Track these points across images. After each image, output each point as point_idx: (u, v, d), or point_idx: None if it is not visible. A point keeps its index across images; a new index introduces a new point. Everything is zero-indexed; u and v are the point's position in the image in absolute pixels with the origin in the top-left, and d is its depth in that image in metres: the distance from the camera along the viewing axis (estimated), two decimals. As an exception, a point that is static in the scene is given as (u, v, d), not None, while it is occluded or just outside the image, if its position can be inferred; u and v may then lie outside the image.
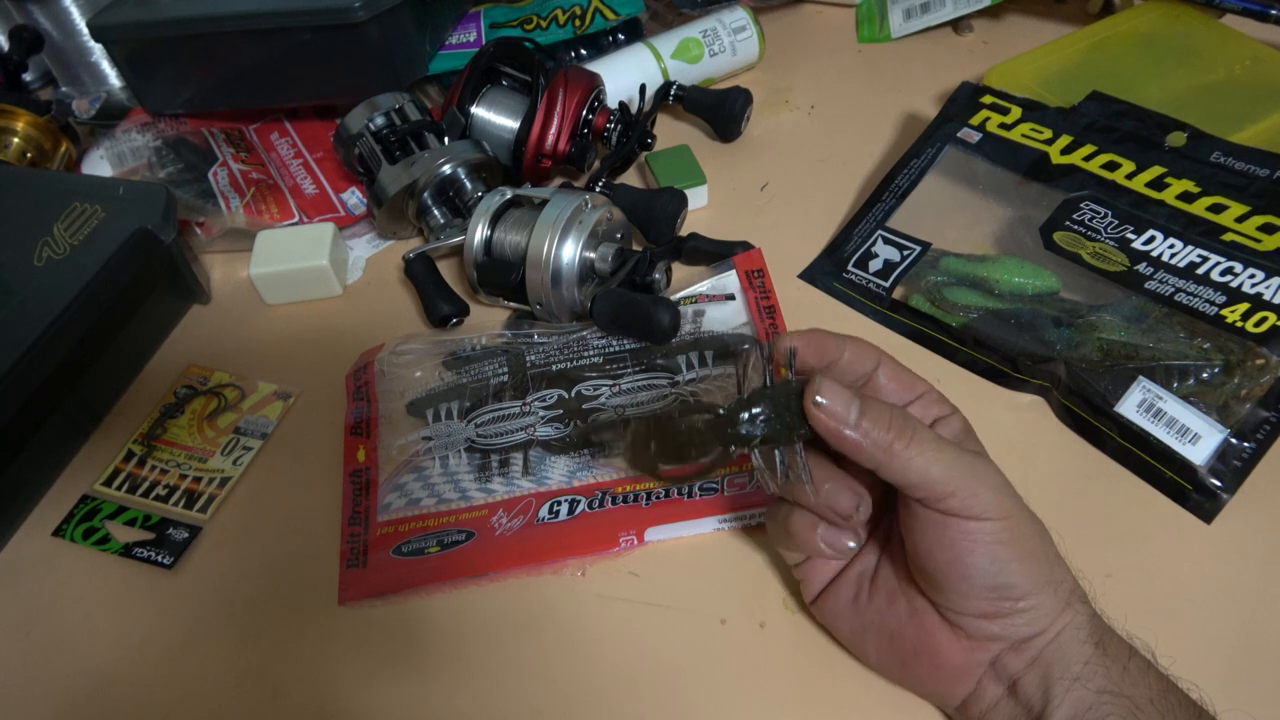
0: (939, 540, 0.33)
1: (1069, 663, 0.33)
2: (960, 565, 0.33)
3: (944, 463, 0.32)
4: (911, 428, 0.33)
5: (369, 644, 0.43)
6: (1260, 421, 0.43)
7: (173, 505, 0.49)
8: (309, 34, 0.61)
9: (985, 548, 0.32)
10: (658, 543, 0.44)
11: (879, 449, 0.32)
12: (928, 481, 0.32)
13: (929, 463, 0.32)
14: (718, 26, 0.72)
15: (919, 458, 0.32)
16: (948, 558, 0.33)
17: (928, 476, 0.32)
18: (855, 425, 0.32)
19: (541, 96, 0.62)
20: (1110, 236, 0.50)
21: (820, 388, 0.32)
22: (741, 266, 0.56)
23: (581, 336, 0.52)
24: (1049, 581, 0.33)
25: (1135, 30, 0.68)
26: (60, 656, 0.44)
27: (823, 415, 0.32)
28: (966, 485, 0.32)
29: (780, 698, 0.39)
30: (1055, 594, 0.33)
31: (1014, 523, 0.33)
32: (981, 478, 0.33)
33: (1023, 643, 0.34)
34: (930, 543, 0.33)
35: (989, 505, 0.32)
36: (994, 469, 0.34)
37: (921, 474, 0.32)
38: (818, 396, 0.32)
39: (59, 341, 0.49)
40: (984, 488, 0.32)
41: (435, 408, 0.50)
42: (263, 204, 0.63)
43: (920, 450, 0.32)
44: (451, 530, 0.45)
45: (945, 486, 0.32)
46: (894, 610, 0.36)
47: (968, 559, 0.32)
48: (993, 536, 0.32)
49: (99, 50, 0.75)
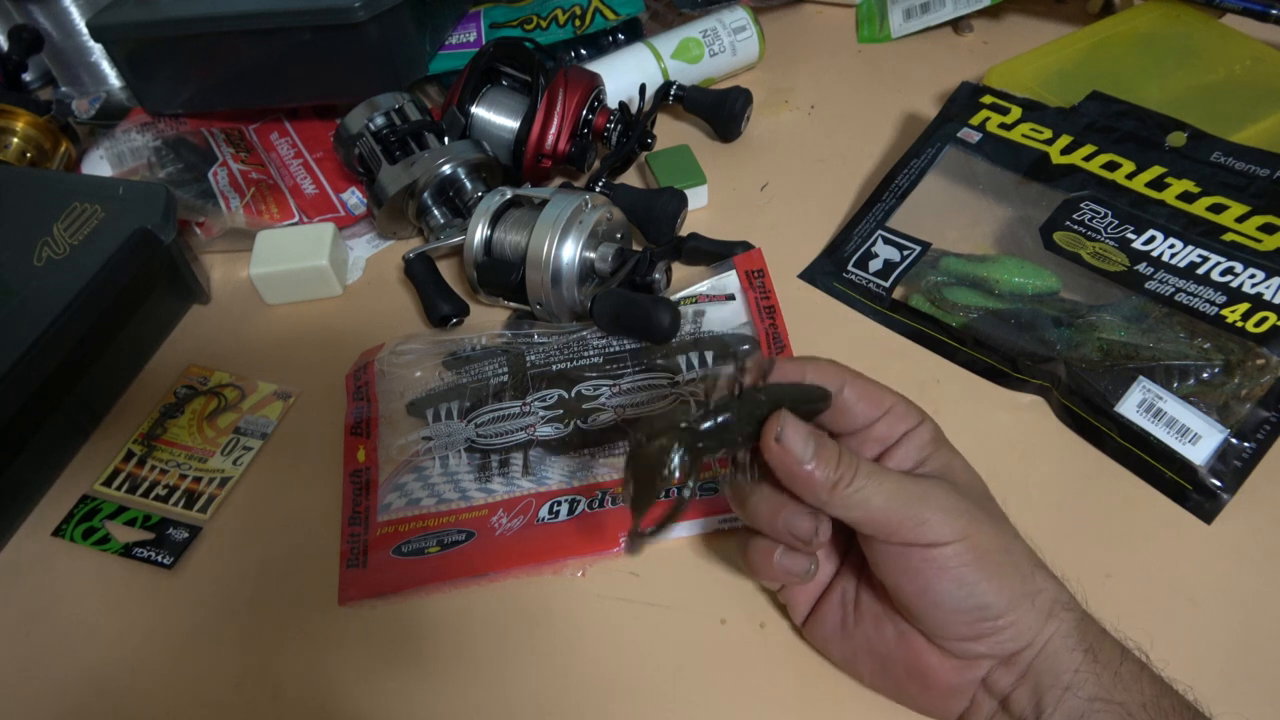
0: (904, 572, 0.33)
1: (1059, 672, 0.33)
2: (930, 594, 0.33)
3: (885, 494, 0.32)
4: (853, 466, 0.33)
5: (369, 644, 0.43)
6: (1260, 421, 0.43)
7: (173, 505, 0.49)
8: (309, 34, 0.61)
9: (949, 573, 0.32)
10: (658, 543, 0.44)
11: (823, 488, 0.32)
12: (871, 517, 0.32)
13: (868, 497, 0.32)
14: (718, 26, 0.72)
15: (857, 494, 0.32)
16: (915, 588, 0.33)
17: (869, 511, 0.32)
18: (807, 463, 0.32)
19: (541, 96, 0.62)
20: (1110, 236, 0.50)
21: (784, 427, 0.33)
22: (741, 266, 0.56)
23: (581, 336, 0.52)
24: (1025, 594, 0.33)
25: (1135, 30, 0.68)
26: (60, 656, 0.44)
27: (779, 452, 0.33)
28: (911, 513, 0.32)
29: (780, 698, 0.39)
30: (1034, 605, 0.33)
31: (973, 541, 0.32)
32: (928, 502, 0.33)
33: (1011, 657, 0.33)
34: (896, 575, 0.33)
35: (939, 530, 0.32)
36: (944, 490, 0.33)
37: (863, 509, 0.32)
38: (779, 435, 0.33)
39: (59, 341, 0.49)
40: (932, 512, 0.32)
41: (435, 408, 0.50)
42: (263, 204, 0.63)
43: (860, 485, 0.32)
44: (451, 530, 0.45)
45: (889, 519, 0.32)
46: (881, 634, 0.36)
47: (935, 586, 0.32)
48: (955, 560, 0.32)
49: (99, 50, 0.75)
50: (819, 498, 0.33)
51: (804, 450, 0.32)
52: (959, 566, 0.32)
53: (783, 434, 0.33)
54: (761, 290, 0.54)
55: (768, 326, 0.52)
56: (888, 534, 0.33)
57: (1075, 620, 0.34)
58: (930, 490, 0.33)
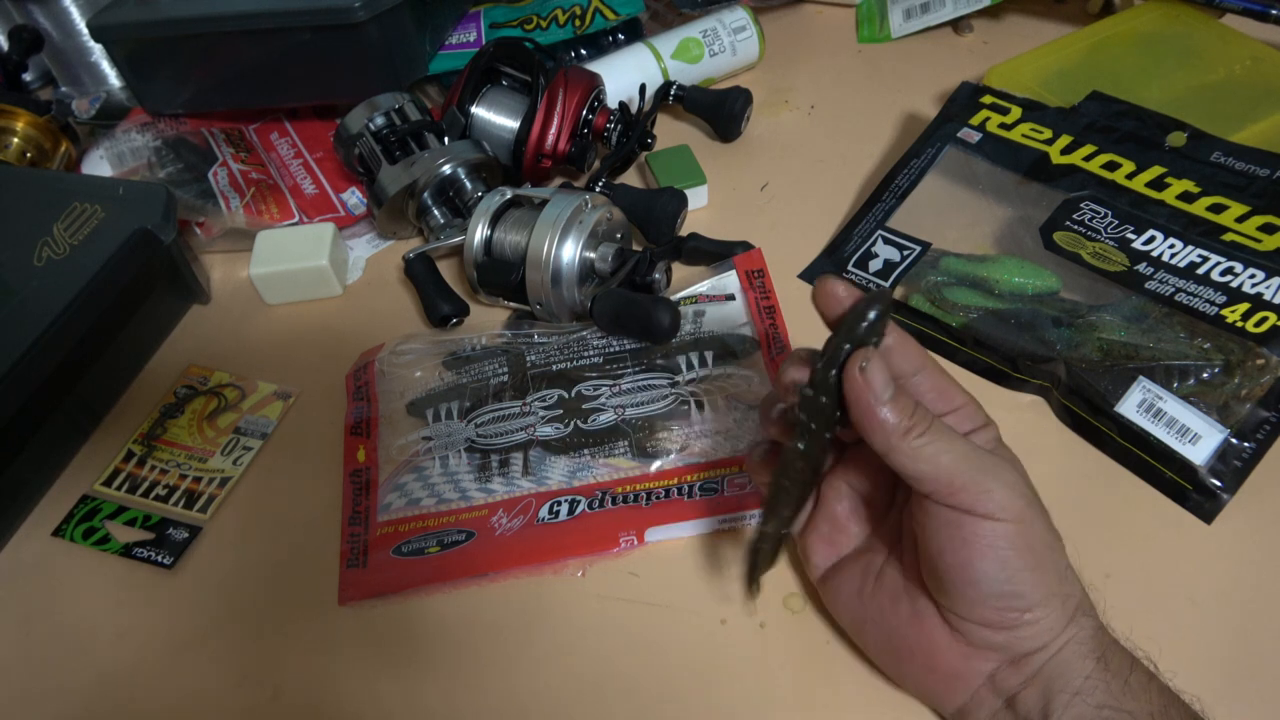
0: (950, 540, 0.32)
1: (1069, 677, 0.32)
2: (969, 569, 0.32)
3: (955, 454, 0.32)
4: (928, 419, 0.32)
5: (369, 644, 0.43)
6: (1260, 421, 0.43)
7: (173, 505, 0.49)
8: (309, 34, 0.61)
9: (996, 553, 0.32)
10: (658, 543, 0.44)
11: (895, 433, 0.32)
12: (936, 472, 0.32)
13: (938, 451, 0.32)
14: (718, 26, 0.72)
15: (929, 446, 0.32)
16: (957, 560, 0.32)
17: (937, 466, 0.31)
18: (881, 404, 0.32)
19: (541, 96, 0.62)
20: (1110, 236, 0.50)
21: (870, 359, 0.32)
22: (741, 266, 0.56)
23: (581, 336, 0.52)
24: (1057, 595, 0.33)
25: (1135, 30, 0.68)
26: (60, 656, 0.44)
27: (859, 383, 0.32)
28: (977, 480, 0.31)
29: (780, 698, 0.39)
30: (1062, 607, 0.33)
31: (1027, 528, 0.32)
32: (996, 475, 0.32)
33: (1024, 658, 0.33)
34: (941, 542, 0.33)
35: (1001, 504, 0.31)
36: (1014, 471, 0.33)
37: (931, 463, 0.32)
38: (864, 364, 0.32)
39: (59, 341, 0.49)
40: (997, 485, 0.32)
41: (435, 408, 0.50)
42: (263, 204, 0.63)
43: (932, 439, 0.32)
44: (451, 530, 0.45)
45: (955, 479, 0.31)
46: (896, 610, 0.36)
47: (977, 563, 0.32)
48: (1005, 541, 0.32)
49: (99, 50, 0.75)
50: (889, 441, 0.32)
51: (884, 389, 0.32)
52: (1007, 548, 0.31)
53: (868, 367, 0.32)
54: (761, 290, 0.54)
55: (768, 326, 0.52)
56: (948, 494, 0.32)
57: (1093, 627, 0.34)
58: (999, 465, 0.33)
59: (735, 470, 0.46)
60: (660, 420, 0.48)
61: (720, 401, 0.49)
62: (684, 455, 0.47)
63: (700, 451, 0.47)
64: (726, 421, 0.48)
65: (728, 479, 0.45)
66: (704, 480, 0.46)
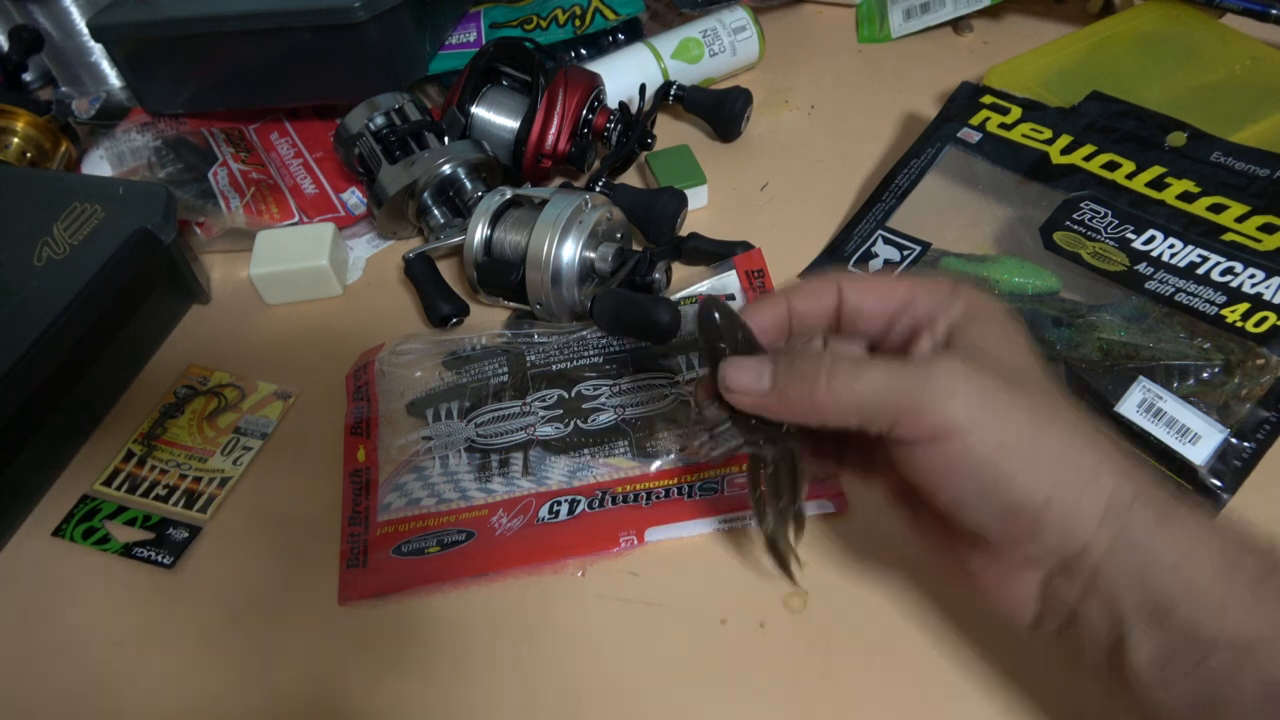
0: (916, 473, 0.29)
1: (1141, 586, 0.26)
2: (946, 493, 0.29)
3: (867, 385, 0.28)
4: (825, 367, 0.29)
5: (369, 644, 0.43)
6: (1260, 421, 0.43)
7: (173, 505, 0.49)
8: (309, 34, 0.61)
9: (961, 470, 0.28)
10: (658, 543, 0.44)
11: (803, 403, 0.30)
12: (861, 413, 0.29)
13: (853, 393, 0.29)
14: (718, 26, 0.72)
15: (844, 393, 0.29)
16: (932, 489, 0.29)
17: (858, 406, 0.29)
18: (770, 391, 0.30)
19: (541, 96, 0.62)
20: (1110, 236, 0.50)
21: (725, 373, 0.31)
22: (741, 266, 0.56)
23: (581, 336, 0.52)
24: (1068, 489, 0.27)
25: (1135, 30, 0.68)
26: (60, 656, 0.44)
27: (737, 396, 0.31)
28: (908, 403, 0.28)
29: (780, 698, 0.39)
30: (1091, 496, 0.27)
31: (986, 432, 0.27)
32: (926, 387, 0.28)
33: (1070, 561, 0.28)
34: (913, 477, 0.29)
35: (940, 419, 0.27)
36: (949, 371, 0.28)
37: (855, 406, 0.29)
38: (725, 383, 0.31)
39: (59, 341, 0.49)
40: (931, 398, 0.27)
41: (435, 408, 0.50)
42: (263, 204, 0.63)
43: (839, 385, 0.29)
44: (451, 530, 0.45)
45: (879, 411, 0.28)
46: (931, 539, 0.33)
47: (951, 486, 0.28)
48: (964, 455, 0.27)
49: (99, 50, 0.75)
50: (805, 414, 0.30)
51: (757, 381, 0.30)
52: (971, 462, 0.27)
53: (727, 380, 0.31)
54: (761, 290, 0.54)
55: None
56: (885, 429, 0.28)
57: (1157, 515, 0.27)
58: (930, 374, 0.28)
59: (735, 470, 0.46)
60: (660, 420, 0.48)
61: (720, 401, 0.48)
62: (684, 455, 0.47)
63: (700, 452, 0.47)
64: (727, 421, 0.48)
65: (728, 479, 0.45)
66: (704, 480, 0.46)
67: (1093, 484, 0.28)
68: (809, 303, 0.34)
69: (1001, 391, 0.28)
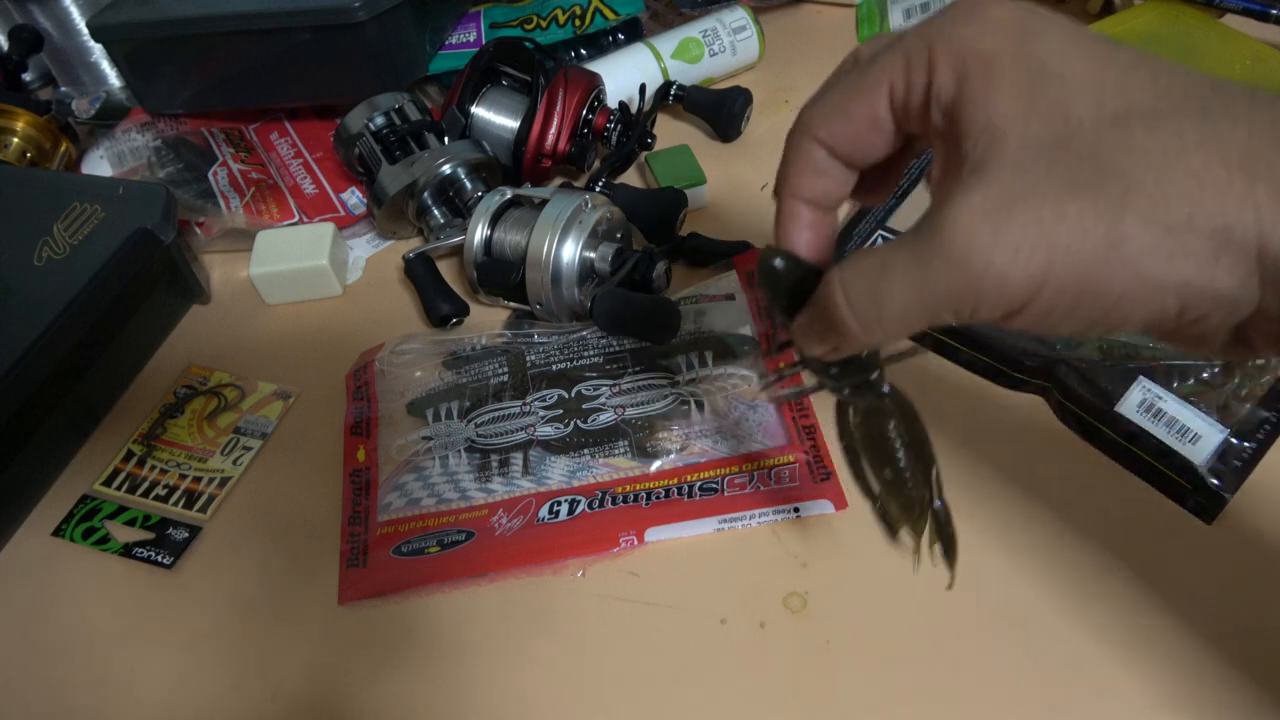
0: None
1: None
2: (1069, 332, 0.24)
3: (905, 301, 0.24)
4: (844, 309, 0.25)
5: (369, 644, 0.43)
6: (1260, 421, 0.43)
7: (173, 505, 0.49)
8: (309, 34, 0.61)
9: (1064, 317, 0.23)
10: (658, 543, 0.44)
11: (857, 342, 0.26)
12: (925, 319, 0.24)
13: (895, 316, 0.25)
14: (718, 26, 0.72)
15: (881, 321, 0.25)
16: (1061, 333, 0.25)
17: (913, 320, 0.24)
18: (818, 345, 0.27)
19: (541, 96, 0.62)
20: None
21: (796, 341, 0.28)
22: (741, 266, 0.56)
23: (581, 336, 0.52)
24: (1199, 274, 0.21)
25: (1135, 30, 0.68)
26: (60, 656, 0.44)
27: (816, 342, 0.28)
28: (952, 298, 0.23)
29: (780, 698, 0.39)
30: (1229, 263, 0.21)
31: (1064, 269, 0.22)
32: (963, 268, 0.22)
33: (1249, 316, 0.22)
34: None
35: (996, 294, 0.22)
36: (980, 216, 0.22)
37: (903, 324, 0.25)
38: (801, 349, 0.28)
39: (59, 341, 0.49)
40: (967, 279, 0.22)
41: (435, 407, 0.50)
42: (263, 204, 0.63)
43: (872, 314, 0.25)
44: (451, 530, 0.45)
45: (939, 311, 0.24)
46: None
47: (1069, 327, 0.24)
48: (1052, 307, 0.22)
49: (99, 50, 0.75)
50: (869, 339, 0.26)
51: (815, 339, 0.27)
52: (1062, 311, 0.22)
53: (799, 337, 0.28)
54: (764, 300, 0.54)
55: (767, 326, 0.52)
56: (963, 319, 0.24)
57: None
58: (946, 244, 0.23)
59: (735, 470, 0.46)
60: (660, 420, 0.48)
61: (720, 401, 0.49)
62: (684, 455, 0.47)
63: (700, 451, 0.47)
64: (726, 421, 0.48)
65: (728, 479, 0.45)
66: (704, 480, 0.46)
67: (1224, 251, 0.21)
68: (818, 186, 0.29)
69: (1046, 206, 0.21)
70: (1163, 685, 0.38)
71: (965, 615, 0.40)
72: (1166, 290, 0.22)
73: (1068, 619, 0.40)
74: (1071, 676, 0.38)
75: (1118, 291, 0.22)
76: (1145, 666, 0.38)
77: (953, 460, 0.46)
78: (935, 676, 0.39)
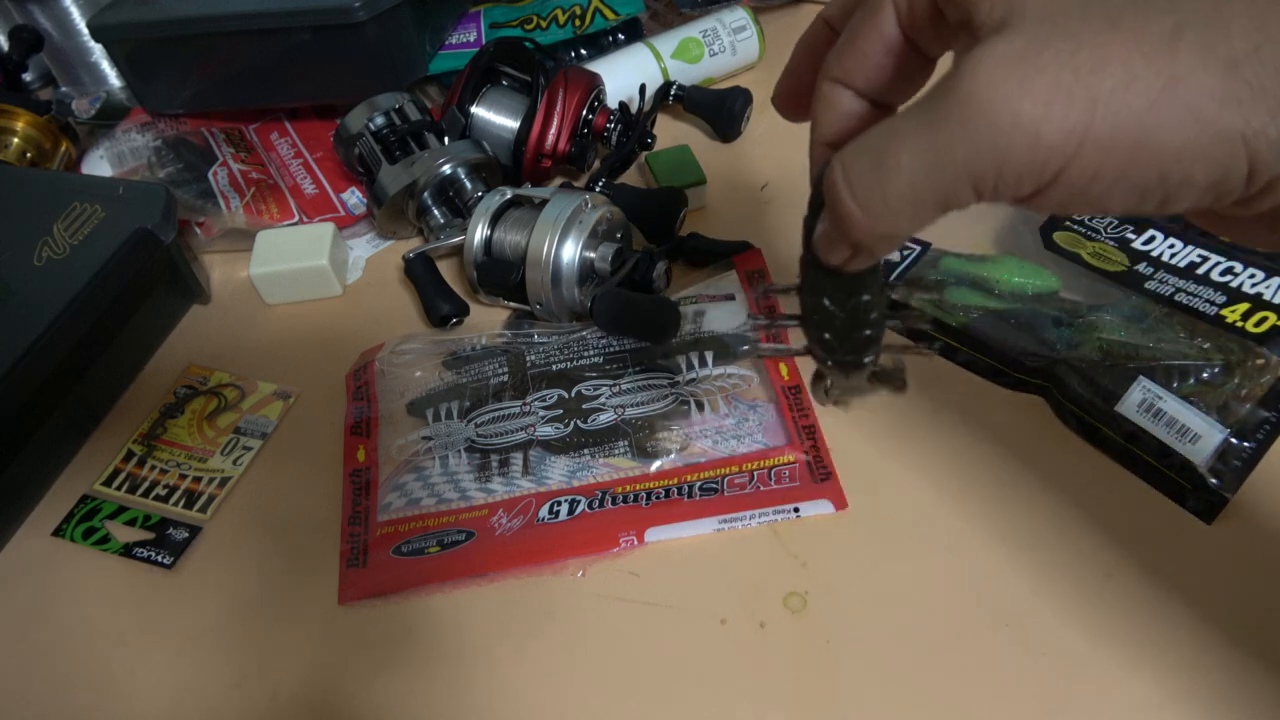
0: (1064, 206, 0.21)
1: None
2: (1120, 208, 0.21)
3: (917, 174, 0.20)
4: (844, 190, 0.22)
5: (369, 644, 0.43)
6: (1260, 421, 0.43)
7: (173, 505, 0.49)
8: (309, 34, 0.61)
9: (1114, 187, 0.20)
10: (658, 543, 0.44)
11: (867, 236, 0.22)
12: (940, 202, 0.21)
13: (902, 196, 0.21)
14: (718, 26, 0.72)
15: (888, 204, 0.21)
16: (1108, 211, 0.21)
17: (924, 201, 0.21)
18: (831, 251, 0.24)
19: (541, 96, 0.62)
20: (1110, 236, 0.50)
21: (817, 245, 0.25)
22: (741, 266, 0.56)
23: (581, 336, 0.52)
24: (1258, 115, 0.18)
25: None
26: (61, 656, 0.44)
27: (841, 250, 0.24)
28: (972, 165, 0.20)
29: (780, 698, 0.39)
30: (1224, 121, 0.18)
31: (1106, 126, 0.18)
32: (987, 123, 0.19)
33: None
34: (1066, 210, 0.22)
35: (1028, 154, 0.19)
36: (1006, 63, 0.19)
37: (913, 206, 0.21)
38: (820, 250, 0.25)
39: (59, 341, 0.49)
40: (992, 137, 0.19)
41: (435, 408, 0.50)
42: (263, 204, 0.63)
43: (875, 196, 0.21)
44: (451, 530, 0.45)
45: (957, 189, 0.20)
46: None
47: (1117, 203, 0.20)
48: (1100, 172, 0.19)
49: (99, 50, 0.75)
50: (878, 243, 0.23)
51: (826, 244, 0.25)
52: (1111, 177, 0.19)
53: (818, 245, 0.25)
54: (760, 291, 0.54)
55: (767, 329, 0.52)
56: (985, 197, 0.21)
57: None
58: (971, 99, 0.19)
59: (735, 470, 0.46)
60: (660, 420, 0.48)
61: (720, 401, 0.49)
62: (684, 455, 0.47)
63: (700, 451, 0.47)
64: (726, 421, 0.48)
65: (728, 479, 0.45)
66: (704, 480, 0.46)
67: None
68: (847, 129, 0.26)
69: (1083, 49, 0.19)
70: (1163, 685, 0.38)
71: (965, 615, 0.40)
72: (1233, 140, 0.18)
73: (1067, 619, 0.40)
74: (1071, 676, 0.38)
75: (1175, 146, 0.18)
76: (1145, 667, 0.38)
77: (953, 460, 0.46)
78: (935, 676, 0.39)
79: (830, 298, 0.28)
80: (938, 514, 0.44)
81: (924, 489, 0.45)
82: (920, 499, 0.45)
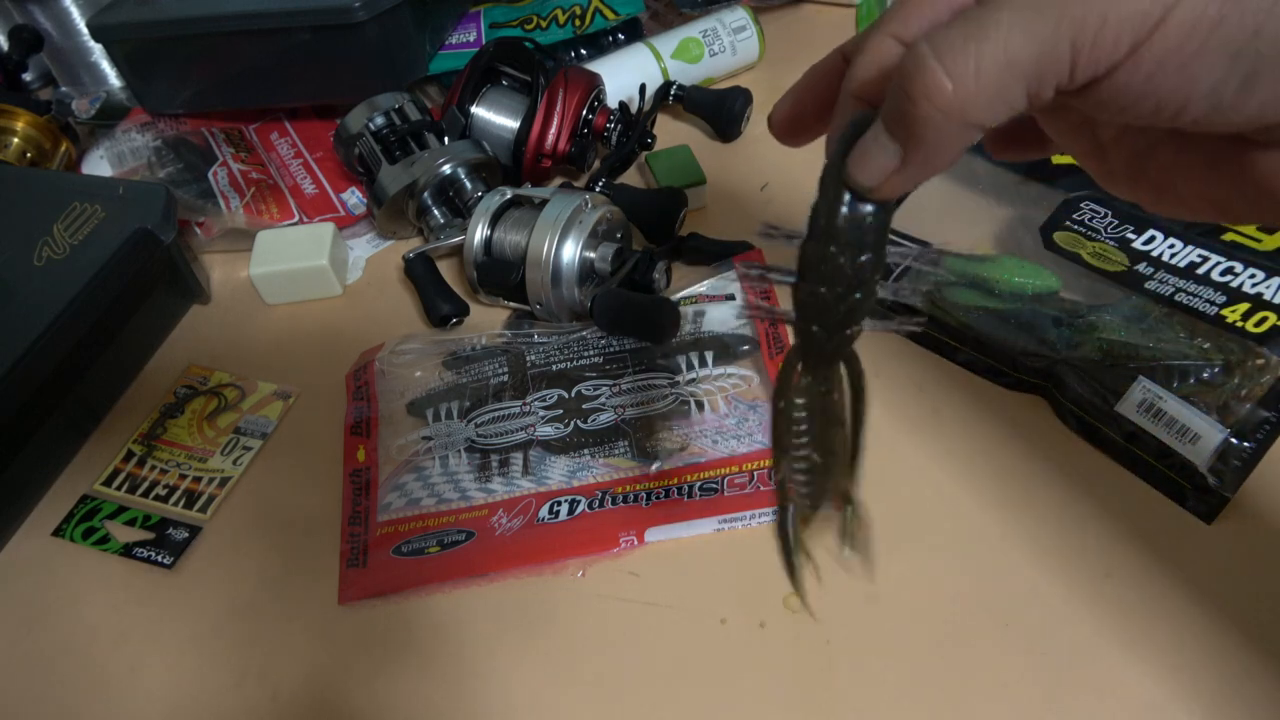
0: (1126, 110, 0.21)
1: None
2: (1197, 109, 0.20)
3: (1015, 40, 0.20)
4: (932, 61, 0.20)
5: (369, 644, 0.43)
6: (1260, 421, 0.43)
7: (173, 505, 0.49)
8: (309, 34, 0.61)
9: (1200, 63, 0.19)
10: (658, 543, 0.44)
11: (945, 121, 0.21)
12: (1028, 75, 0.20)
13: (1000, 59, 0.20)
14: (718, 26, 0.72)
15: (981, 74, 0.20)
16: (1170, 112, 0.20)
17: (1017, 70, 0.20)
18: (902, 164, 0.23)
19: (541, 96, 0.62)
20: (1110, 236, 0.50)
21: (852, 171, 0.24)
22: (741, 266, 0.55)
23: (581, 336, 0.52)
24: None
25: None
26: (61, 656, 0.44)
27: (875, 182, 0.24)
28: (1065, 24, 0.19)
29: (780, 698, 0.39)
30: None
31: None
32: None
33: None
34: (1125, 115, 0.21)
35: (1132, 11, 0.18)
36: None
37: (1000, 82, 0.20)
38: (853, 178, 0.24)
39: (59, 341, 0.49)
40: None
41: (435, 407, 0.50)
42: (263, 204, 0.63)
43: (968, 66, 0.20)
44: (451, 530, 0.45)
45: (1053, 58, 0.20)
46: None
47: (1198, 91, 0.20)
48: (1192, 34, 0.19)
49: (99, 50, 0.75)
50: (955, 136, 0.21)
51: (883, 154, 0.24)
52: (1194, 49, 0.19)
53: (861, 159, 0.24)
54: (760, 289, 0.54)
55: (767, 326, 0.52)
56: (1063, 82, 0.20)
57: None
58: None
59: (735, 470, 0.46)
60: (660, 420, 0.48)
61: (720, 401, 0.49)
62: (684, 455, 0.47)
63: (700, 451, 0.47)
64: (727, 421, 0.48)
65: (728, 479, 0.45)
66: (704, 480, 0.46)
67: None
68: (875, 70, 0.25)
69: None
70: (1163, 685, 0.38)
71: (965, 615, 0.40)
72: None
73: (1068, 618, 0.40)
74: (1072, 676, 0.38)
75: (1251, 27, 0.18)
76: (1146, 666, 0.38)
77: (953, 460, 0.46)
78: (935, 676, 0.39)
79: (839, 245, 0.26)
80: (938, 514, 0.44)
81: (924, 489, 0.45)
82: (920, 499, 0.45)
